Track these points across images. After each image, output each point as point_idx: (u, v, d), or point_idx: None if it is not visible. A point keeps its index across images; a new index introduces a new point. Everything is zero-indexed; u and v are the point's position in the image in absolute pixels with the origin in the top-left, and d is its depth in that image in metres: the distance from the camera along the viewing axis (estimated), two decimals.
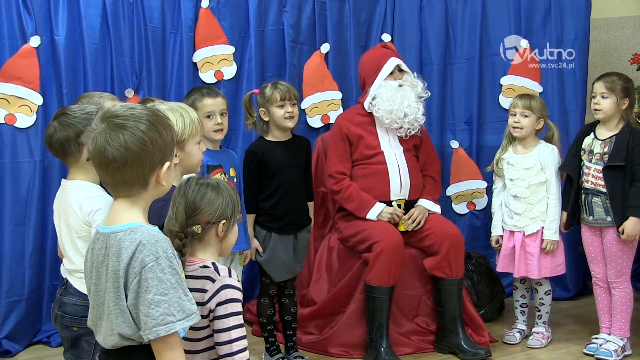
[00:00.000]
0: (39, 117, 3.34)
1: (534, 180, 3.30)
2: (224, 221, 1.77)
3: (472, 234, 4.02)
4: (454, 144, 4.04)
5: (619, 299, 3.16)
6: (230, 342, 1.68)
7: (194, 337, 1.73)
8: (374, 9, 3.97)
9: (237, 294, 1.72)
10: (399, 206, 3.30)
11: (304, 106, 3.84)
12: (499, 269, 3.46)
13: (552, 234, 3.28)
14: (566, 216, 3.26)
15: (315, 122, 3.88)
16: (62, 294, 2.10)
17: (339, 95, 3.90)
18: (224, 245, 1.82)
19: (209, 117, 2.80)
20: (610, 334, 3.20)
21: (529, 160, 3.32)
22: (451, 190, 4.04)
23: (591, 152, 3.19)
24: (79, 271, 2.06)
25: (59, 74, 3.38)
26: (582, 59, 3.98)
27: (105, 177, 1.51)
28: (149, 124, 1.48)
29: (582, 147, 3.23)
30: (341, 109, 3.86)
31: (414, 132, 3.32)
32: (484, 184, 4.00)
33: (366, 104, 3.33)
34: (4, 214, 3.34)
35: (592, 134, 3.23)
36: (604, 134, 3.18)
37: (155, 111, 1.55)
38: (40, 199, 3.35)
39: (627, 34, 4.66)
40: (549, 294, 3.40)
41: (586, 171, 3.19)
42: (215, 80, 3.67)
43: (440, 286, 3.24)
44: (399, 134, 3.33)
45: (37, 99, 3.35)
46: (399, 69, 3.34)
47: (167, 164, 1.52)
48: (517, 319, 3.48)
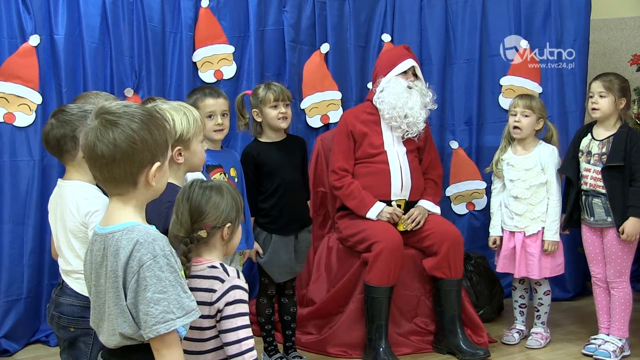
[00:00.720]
0: (38, 116, 3.34)
1: (534, 181, 3.30)
2: (229, 224, 1.77)
3: (471, 234, 4.02)
4: (454, 145, 4.04)
5: (618, 299, 3.16)
6: (239, 342, 1.69)
7: (200, 338, 1.73)
8: (374, 9, 3.97)
9: (245, 296, 1.73)
10: (399, 206, 3.30)
11: (303, 106, 3.84)
12: (498, 270, 3.46)
13: (552, 234, 3.27)
14: (564, 218, 3.27)
15: (314, 122, 3.88)
16: (58, 294, 2.08)
17: (338, 95, 3.90)
18: (229, 246, 1.83)
19: (210, 117, 2.79)
20: (609, 335, 3.20)
21: (529, 161, 3.32)
22: (450, 190, 4.04)
23: (589, 153, 3.19)
24: (76, 272, 2.05)
25: (58, 73, 3.38)
26: (582, 59, 3.98)
27: (94, 173, 1.51)
28: (141, 122, 1.47)
29: (580, 148, 3.23)
30: (341, 109, 3.86)
31: (411, 136, 3.31)
32: (483, 185, 4.01)
33: (375, 96, 3.33)
34: (3, 213, 3.34)
35: (589, 134, 3.23)
36: (602, 134, 3.18)
37: (151, 111, 1.53)
38: (39, 198, 3.35)
39: (626, 34, 4.66)
40: (548, 295, 3.40)
41: (585, 173, 3.19)
42: (214, 79, 3.67)
43: (439, 286, 3.24)
44: (396, 134, 3.33)
45: (37, 98, 3.35)
46: (413, 72, 3.35)
47: (157, 165, 1.51)
48: (516, 320, 3.48)
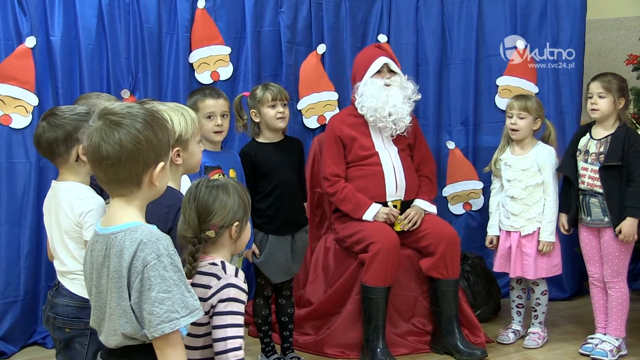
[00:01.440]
0: (34, 117, 3.33)
1: (530, 181, 3.31)
2: (237, 223, 1.77)
3: (468, 234, 4.02)
4: (450, 145, 4.05)
5: (615, 299, 3.17)
6: (225, 340, 1.69)
7: (194, 333, 1.73)
8: (370, 10, 3.97)
9: (241, 295, 1.72)
10: (395, 207, 3.30)
11: (300, 107, 3.84)
12: (495, 269, 3.46)
13: (548, 235, 3.28)
14: (568, 218, 3.26)
15: (311, 122, 3.88)
16: (53, 295, 2.08)
17: (335, 96, 3.90)
18: (238, 244, 1.82)
19: (209, 117, 2.79)
20: (606, 334, 3.20)
21: (526, 161, 3.33)
22: (447, 190, 4.04)
23: (587, 152, 3.20)
24: (71, 272, 2.05)
25: (54, 75, 3.38)
26: (578, 59, 3.99)
27: (98, 174, 1.51)
28: (145, 122, 1.48)
29: (578, 147, 3.24)
30: (337, 110, 3.86)
31: (400, 132, 3.31)
32: (480, 185, 4.01)
33: (356, 102, 3.33)
34: None
35: (587, 134, 3.23)
36: (600, 133, 3.18)
37: (152, 111, 1.55)
38: (36, 200, 3.34)
39: (622, 35, 4.67)
40: (546, 294, 3.40)
41: (582, 172, 3.20)
42: (211, 80, 3.67)
43: (436, 287, 3.24)
44: (385, 134, 3.33)
45: (33, 100, 3.34)
46: (388, 68, 3.33)
47: (161, 164, 1.52)
48: (513, 320, 3.48)
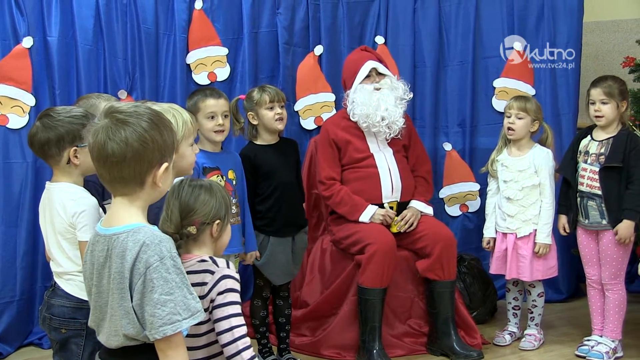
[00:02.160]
0: (31, 118, 3.33)
1: (527, 182, 3.31)
2: (218, 221, 1.80)
3: (464, 236, 4.02)
4: (447, 147, 4.05)
5: (612, 301, 3.17)
6: (231, 329, 1.71)
7: (195, 333, 1.74)
8: (368, 11, 3.97)
9: (236, 285, 1.75)
10: (391, 208, 3.30)
11: (297, 108, 3.84)
12: (492, 271, 3.46)
13: (544, 237, 3.28)
14: (567, 219, 3.25)
15: (308, 124, 3.88)
16: (50, 296, 2.08)
17: (332, 97, 3.90)
18: (218, 245, 1.85)
19: (211, 117, 2.79)
20: (602, 336, 3.21)
21: (523, 162, 3.33)
22: (444, 192, 4.04)
23: (587, 152, 3.20)
24: (67, 273, 2.05)
25: (51, 75, 3.38)
26: (576, 61, 3.99)
27: (102, 172, 1.51)
28: (151, 122, 1.50)
29: (579, 148, 3.24)
30: (334, 111, 3.85)
31: (394, 136, 3.31)
32: (476, 187, 4.01)
33: (348, 109, 3.33)
34: None
35: (589, 136, 3.24)
36: (602, 135, 3.19)
37: (159, 112, 1.57)
38: (32, 200, 3.33)
39: (619, 37, 4.68)
40: (542, 296, 3.40)
41: (582, 173, 3.20)
42: (208, 81, 3.66)
43: (432, 288, 3.25)
44: (379, 138, 3.33)
45: (30, 100, 3.34)
46: (376, 72, 3.32)
47: (165, 165, 1.53)
48: (509, 321, 3.48)
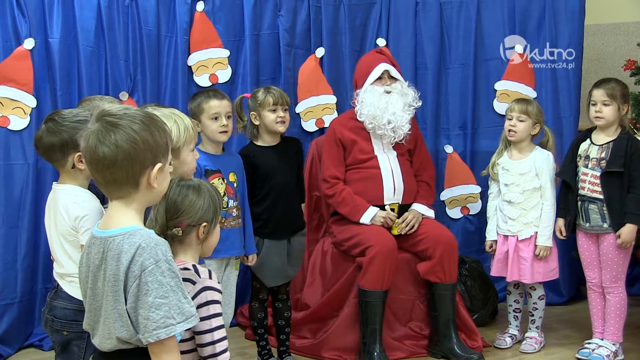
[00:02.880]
0: (32, 119, 3.34)
1: (528, 185, 3.31)
2: (205, 224, 1.77)
3: (465, 238, 4.02)
4: (449, 149, 4.05)
5: (613, 304, 3.17)
6: (213, 343, 1.69)
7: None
8: (369, 14, 3.97)
9: (217, 296, 1.73)
10: (393, 210, 3.30)
11: (298, 110, 3.84)
12: (493, 274, 3.46)
13: (545, 240, 3.28)
14: (565, 222, 3.25)
15: (309, 126, 3.88)
16: (52, 297, 2.09)
17: (333, 99, 3.90)
18: (205, 247, 1.82)
19: (215, 118, 2.78)
20: (602, 339, 3.21)
21: (524, 165, 3.33)
22: (445, 194, 4.04)
23: (587, 157, 3.19)
24: (69, 275, 2.05)
25: (53, 77, 3.38)
26: (577, 62, 3.99)
27: (96, 176, 1.51)
28: (142, 123, 1.49)
29: (579, 152, 3.24)
30: (336, 113, 3.86)
31: (398, 140, 3.31)
32: (477, 189, 4.01)
33: (355, 108, 3.33)
34: None
35: (588, 139, 3.23)
36: (601, 139, 3.18)
37: (151, 114, 1.56)
38: (33, 201, 3.34)
39: (620, 40, 4.68)
40: (543, 299, 3.40)
41: (582, 177, 3.20)
42: (210, 83, 3.66)
43: (433, 291, 3.24)
44: (384, 141, 3.33)
45: (31, 102, 3.34)
46: (389, 75, 3.33)
47: (159, 166, 1.52)
48: (510, 324, 3.48)
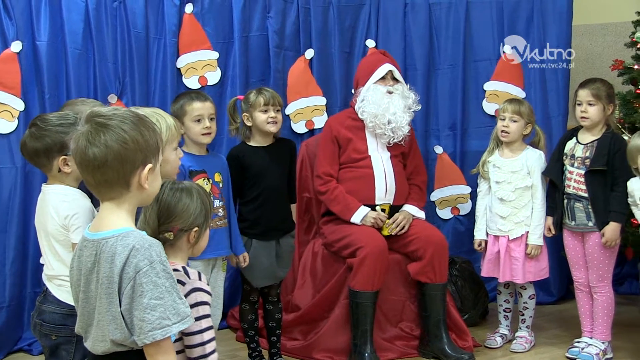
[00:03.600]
0: (20, 122, 3.32)
1: (520, 183, 3.32)
2: (196, 228, 1.78)
3: (456, 239, 4.03)
4: (438, 150, 4.06)
5: (600, 303, 3.18)
6: (203, 344, 1.70)
7: None
8: (358, 15, 3.98)
9: (206, 297, 1.73)
10: (383, 211, 3.30)
11: (288, 112, 3.84)
12: (484, 274, 3.47)
13: (536, 238, 3.29)
14: (553, 221, 3.27)
15: (299, 127, 3.88)
16: (41, 301, 2.08)
17: (323, 100, 3.90)
18: (195, 249, 1.83)
19: (198, 121, 2.78)
20: (592, 338, 3.22)
21: (515, 163, 3.34)
22: (435, 195, 4.05)
23: (573, 156, 3.22)
24: (58, 277, 2.05)
25: (40, 80, 3.36)
26: (565, 64, 4.01)
27: (87, 178, 1.51)
28: (131, 124, 1.49)
29: (565, 151, 3.26)
30: (325, 115, 3.86)
31: (397, 141, 3.33)
32: (468, 189, 4.02)
33: (356, 106, 3.34)
34: None
35: (574, 138, 3.26)
36: (587, 138, 3.21)
37: (140, 114, 1.56)
38: (21, 205, 3.32)
39: (608, 40, 4.71)
40: (533, 298, 3.41)
41: (568, 176, 3.22)
42: (199, 85, 3.66)
43: (424, 291, 3.25)
44: (382, 141, 3.34)
45: (19, 105, 3.32)
46: (392, 76, 3.36)
47: (149, 166, 1.52)
48: (500, 324, 3.49)
